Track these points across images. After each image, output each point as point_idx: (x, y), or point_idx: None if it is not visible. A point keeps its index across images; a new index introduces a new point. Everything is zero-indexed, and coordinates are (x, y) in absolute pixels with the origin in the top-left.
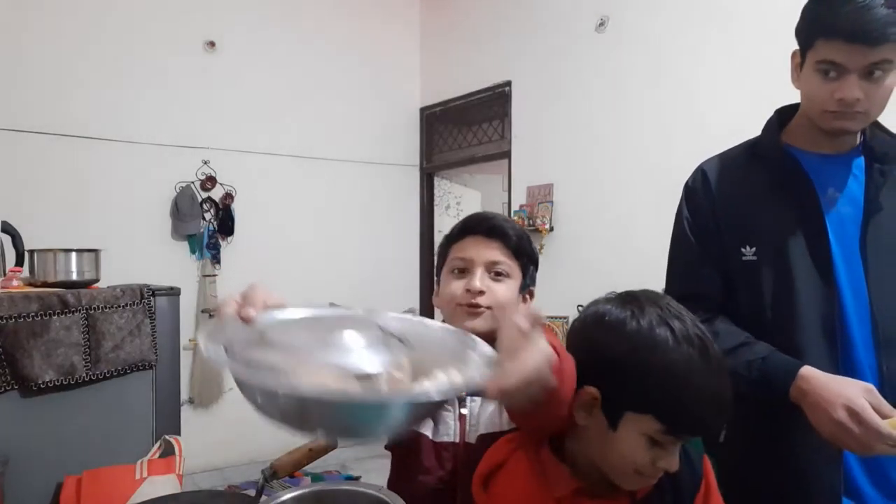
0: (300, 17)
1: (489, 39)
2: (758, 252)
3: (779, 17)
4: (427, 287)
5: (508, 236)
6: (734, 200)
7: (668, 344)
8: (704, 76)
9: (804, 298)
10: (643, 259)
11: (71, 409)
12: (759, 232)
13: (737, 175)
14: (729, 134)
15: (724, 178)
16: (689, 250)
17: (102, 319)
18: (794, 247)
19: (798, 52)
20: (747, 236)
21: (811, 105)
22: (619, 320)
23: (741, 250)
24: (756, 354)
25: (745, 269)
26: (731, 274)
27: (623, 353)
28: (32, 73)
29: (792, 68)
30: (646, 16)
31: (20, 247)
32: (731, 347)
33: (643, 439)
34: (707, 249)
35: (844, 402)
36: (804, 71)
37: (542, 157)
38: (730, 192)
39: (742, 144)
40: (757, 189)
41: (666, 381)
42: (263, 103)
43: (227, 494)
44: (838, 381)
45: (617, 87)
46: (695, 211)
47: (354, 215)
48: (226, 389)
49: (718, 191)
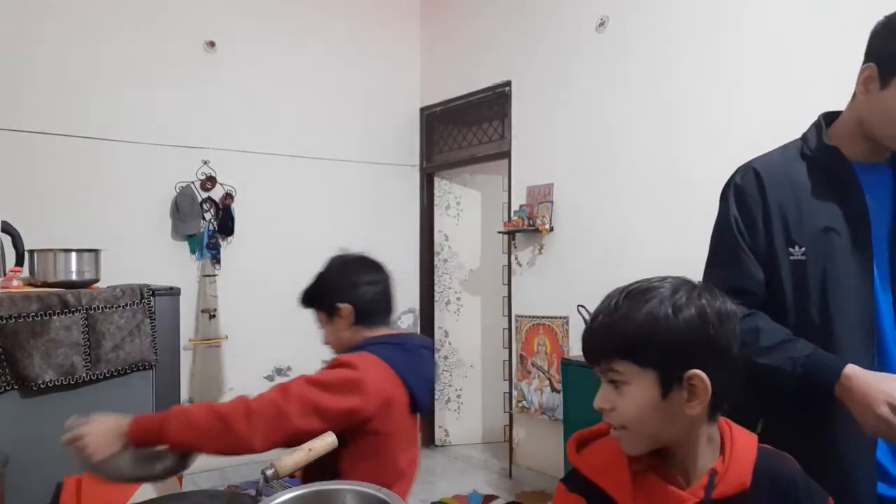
0: (300, 17)
1: (489, 39)
2: (807, 252)
3: (779, 17)
4: (427, 287)
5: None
6: (785, 201)
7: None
8: (704, 76)
9: (847, 297)
10: (643, 259)
11: (71, 409)
12: (808, 233)
13: (788, 177)
14: (729, 134)
15: (776, 179)
16: (736, 247)
17: (102, 319)
18: (841, 248)
19: (873, 67)
20: (797, 236)
21: (890, 125)
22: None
23: (789, 250)
24: (800, 352)
25: (792, 268)
26: (776, 273)
27: None
28: (33, 73)
29: (861, 81)
30: (646, 16)
31: (20, 247)
32: (774, 344)
33: None
34: (753, 247)
35: (886, 398)
36: (888, 91)
37: (542, 157)
38: (780, 194)
39: (787, 147)
40: (807, 191)
41: None
42: (263, 103)
43: (227, 494)
44: (880, 377)
45: (617, 87)
46: (744, 209)
47: (354, 215)
48: (226, 389)
49: (771, 191)
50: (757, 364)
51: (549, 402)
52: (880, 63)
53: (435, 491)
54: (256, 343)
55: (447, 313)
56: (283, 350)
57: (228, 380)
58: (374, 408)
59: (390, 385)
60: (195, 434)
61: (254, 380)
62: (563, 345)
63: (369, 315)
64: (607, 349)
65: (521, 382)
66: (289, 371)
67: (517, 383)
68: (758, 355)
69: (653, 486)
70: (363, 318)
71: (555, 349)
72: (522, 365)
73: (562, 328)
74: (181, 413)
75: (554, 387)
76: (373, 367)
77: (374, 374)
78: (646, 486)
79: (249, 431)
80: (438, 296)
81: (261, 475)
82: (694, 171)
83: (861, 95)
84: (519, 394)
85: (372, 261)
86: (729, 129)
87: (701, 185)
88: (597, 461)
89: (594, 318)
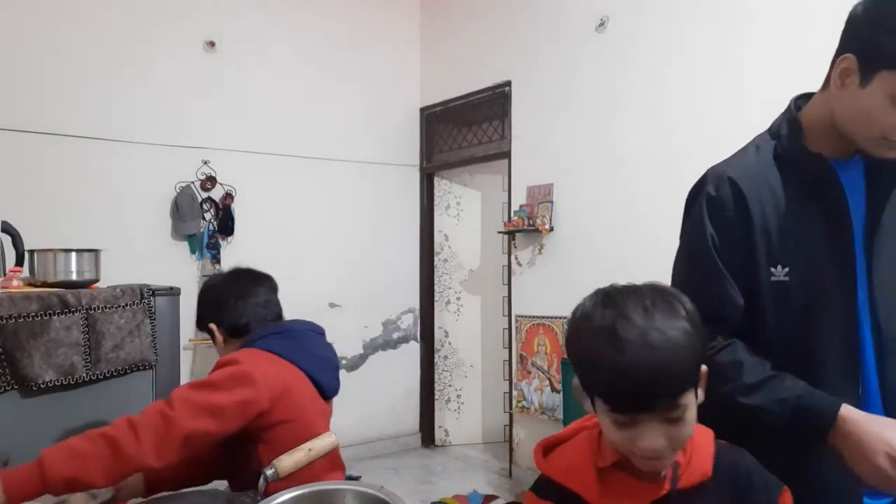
0: (300, 16)
1: (489, 39)
2: (790, 273)
3: (779, 17)
4: (427, 287)
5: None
6: (767, 215)
7: (585, 328)
8: (704, 76)
9: (830, 320)
10: (643, 259)
11: (71, 409)
12: (791, 250)
13: (767, 184)
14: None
15: (755, 189)
16: (712, 269)
17: (102, 319)
18: (824, 264)
19: (852, 59)
20: (779, 255)
21: (868, 125)
22: (573, 311)
23: (771, 270)
24: (789, 391)
25: (773, 289)
26: (756, 295)
27: (566, 341)
28: (33, 73)
29: (838, 73)
30: (646, 16)
31: (20, 247)
32: (758, 381)
33: (609, 421)
34: (732, 268)
35: (886, 449)
36: (868, 89)
37: (542, 157)
38: (762, 206)
39: (759, 146)
40: (787, 200)
41: (584, 364)
42: (263, 103)
43: (227, 494)
44: (880, 424)
45: (617, 87)
46: (721, 225)
47: (354, 215)
48: None
49: (752, 204)
50: (740, 404)
51: (549, 402)
52: (861, 56)
53: (435, 491)
54: None
55: (447, 313)
56: None
57: None
58: (268, 397)
59: (284, 373)
60: (81, 464)
61: None
62: (563, 345)
63: (242, 328)
64: (677, 385)
65: (521, 382)
66: None
67: (517, 383)
68: (742, 394)
69: (620, 482)
70: (237, 333)
71: (555, 349)
72: (522, 365)
73: (562, 328)
74: (59, 449)
75: (554, 387)
76: (260, 359)
77: (262, 366)
78: (613, 483)
79: (139, 446)
80: (438, 296)
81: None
82: (694, 171)
83: (836, 90)
84: (519, 394)
85: (243, 274)
86: (729, 128)
87: None
88: (562, 464)
89: (640, 368)
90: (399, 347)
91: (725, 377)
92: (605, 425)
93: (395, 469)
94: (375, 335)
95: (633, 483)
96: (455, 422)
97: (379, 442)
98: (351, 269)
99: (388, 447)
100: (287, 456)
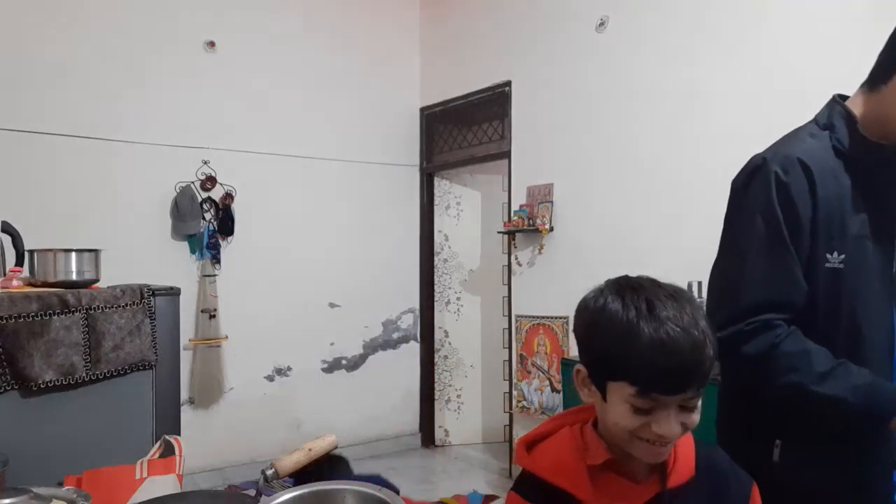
0: (300, 17)
1: (489, 39)
2: (845, 261)
3: (779, 17)
4: (427, 287)
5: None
6: (829, 200)
7: (615, 309)
8: (704, 76)
9: (873, 309)
10: (643, 259)
11: (71, 409)
12: (848, 237)
13: (833, 173)
14: (730, 133)
15: (824, 175)
16: (784, 253)
17: (102, 319)
18: (871, 258)
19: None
20: (838, 243)
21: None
22: (584, 300)
23: (827, 256)
24: (860, 378)
25: (827, 276)
26: (812, 280)
27: (584, 327)
28: (33, 73)
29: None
30: (646, 16)
31: (20, 247)
32: (828, 369)
33: (626, 406)
34: (799, 252)
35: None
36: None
37: (542, 157)
38: (829, 193)
39: (814, 134)
40: (847, 189)
41: (615, 342)
42: (263, 103)
43: (227, 494)
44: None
45: (617, 87)
46: (790, 208)
47: (354, 215)
48: (226, 389)
49: (822, 189)
50: (812, 392)
51: (549, 402)
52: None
53: (435, 491)
54: (256, 343)
55: (447, 313)
56: (283, 350)
57: (228, 380)
58: None
59: None
60: None
61: (254, 380)
62: (563, 345)
63: None
64: (709, 369)
65: (521, 382)
66: (289, 371)
67: (517, 383)
68: (814, 383)
69: (611, 483)
70: None
71: (555, 349)
72: (522, 365)
73: (562, 328)
74: None
75: (554, 387)
76: None
77: None
78: (604, 483)
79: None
80: (438, 296)
81: (261, 475)
82: (695, 171)
83: (893, 96)
84: (519, 394)
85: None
86: (730, 128)
87: (701, 184)
88: (548, 461)
89: (680, 346)
90: (399, 347)
91: (793, 367)
92: (618, 412)
93: (395, 469)
94: (375, 335)
95: (625, 483)
96: (455, 422)
97: (379, 442)
98: (351, 269)
99: (388, 447)
100: (287, 455)
